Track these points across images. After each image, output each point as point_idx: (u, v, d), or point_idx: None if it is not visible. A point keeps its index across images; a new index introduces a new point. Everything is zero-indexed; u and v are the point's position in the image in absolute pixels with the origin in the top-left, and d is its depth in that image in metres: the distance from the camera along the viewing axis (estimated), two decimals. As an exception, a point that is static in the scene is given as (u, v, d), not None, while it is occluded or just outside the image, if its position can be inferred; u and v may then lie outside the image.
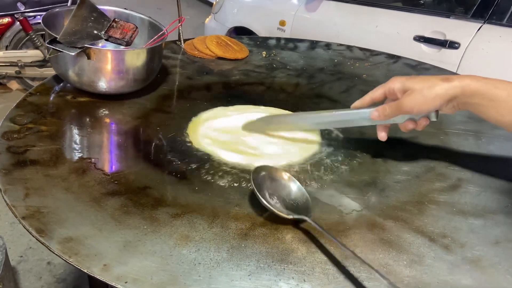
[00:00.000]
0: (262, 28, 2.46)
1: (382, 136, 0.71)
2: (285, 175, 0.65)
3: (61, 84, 0.93)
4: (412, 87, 0.64)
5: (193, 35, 1.27)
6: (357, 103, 0.72)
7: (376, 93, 0.69)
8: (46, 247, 0.51)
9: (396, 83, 0.66)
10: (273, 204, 0.59)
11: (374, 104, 0.70)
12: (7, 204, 0.58)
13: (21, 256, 1.66)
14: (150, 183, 0.66)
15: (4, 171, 0.64)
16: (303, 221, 0.58)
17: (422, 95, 0.62)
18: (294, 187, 0.63)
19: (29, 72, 2.74)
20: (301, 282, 0.50)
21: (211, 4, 3.72)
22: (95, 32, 0.85)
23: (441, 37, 1.74)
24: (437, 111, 0.66)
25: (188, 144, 0.78)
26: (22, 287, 1.53)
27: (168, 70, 1.08)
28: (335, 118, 0.76)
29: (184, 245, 0.54)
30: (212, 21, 2.83)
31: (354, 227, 0.60)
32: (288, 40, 1.39)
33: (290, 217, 0.58)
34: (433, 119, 0.67)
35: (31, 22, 2.66)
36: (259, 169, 0.64)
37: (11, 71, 2.70)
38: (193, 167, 0.71)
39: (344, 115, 0.74)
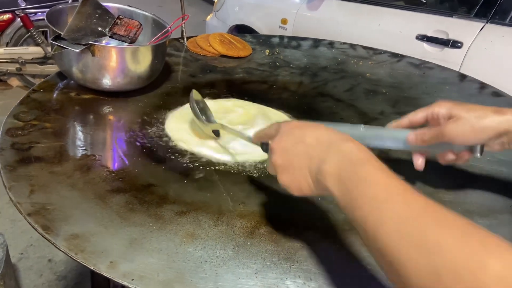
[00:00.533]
0: (264, 26, 2.45)
1: (419, 164, 0.63)
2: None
3: (65, 81, 0.93)
4: (459, 114, 0.57)
5: (193, 33, 1.27)
6: (393, 123, 0.65)
7: (417, 116, 0.62)
8: (52, 244, 0.51)
9: (441, 108, 0.60)
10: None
11: (412, 128, 0.63)
12: (12, 200, 0.58)
13: (22, 254, 1.66)
14: (155, 181, 0.66)
15: (9, 167, 0.64)
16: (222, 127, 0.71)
17: (470, 125, 0.56)
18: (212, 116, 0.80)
19: (30, 69, 2.74)
20: (307, 280, 0.50)
21: (211, 2, 3.71)
22: (99, 29, 0.84)
23: (443, 36, 1.74)
24: (482, 146, 0.59)
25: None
26: (22, 285, 1.53)
27: (171, 68, 1.08)
28: (366, 133, 0.66)
29: (190, 243, 0.54)
30: (213, 19, 2.82)
31: (360, 225, 0.59)
32: (291, 38, 1.39)
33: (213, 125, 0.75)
34: (477, 154, 0.59)
35: (32, 18, 2.65)
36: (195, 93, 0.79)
37: (12, 68, 2.69)
38: (197, 165, 0.71)
39: (377, 132, 0.66)
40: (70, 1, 2.51)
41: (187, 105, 0.82)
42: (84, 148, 0.73)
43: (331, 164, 0.44)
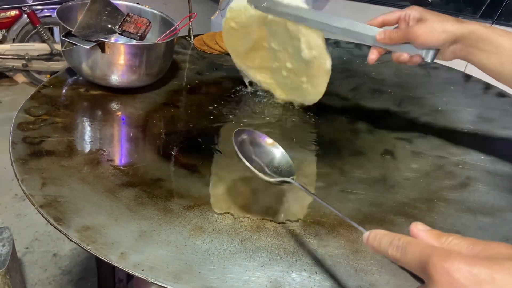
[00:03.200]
0: (269, 25, 2.46)
1: (372, 59, 0.72)
2: (269, 140, 0.60)
3: (74, 77, 0.94)
4: (426, 17, 0.65)
5: (199, 31, 1.28)
6: (372, 21, 0.73)
7: (391, 15, 0.70)
8: (64, 235, 0.52)
9: (414, 11, 0.67)
10: (256, 168, 0.56)
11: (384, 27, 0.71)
12: (25, 193, 0.59)
13: (27, 248, 1.67)
14: (163, 175, 0.67)
15: (21, 161, 0.66)
16: (287, 183, 0.55)
17: (432, 27, 0.63)
18: (278, 153, 0.60)
19: (36, 65, 2.75)
20: (313, 274, 0.51)
21: (217, 1, 3.72)
22: (109, 26, 0.86)
23: (448, 37, 1.74)
24: (435, 52, 0.66)
25: (198, 139, 0.79)
26: (27, 279, 1.55)
27: (178, 65, 1.09)
28: (340, 24, 0.74)
29: (198, 236, 0.55)
30: (218, 17, 2.83)
31: (364, 222, 0.61)
32: (296, 37, 1.40)
33: (273, 180, 0.55)
34: (428, 59, 0.67)
35: (38, 15, 2.67)
36: (240, 131, 0.60)
37: (18, 64, 2.71)
38: (204, 160, 0.72)
39: (350, 24, 0.73)
40: (77, -2, 2.52)
41: None
42: (93, 142, 0.74)
43: None
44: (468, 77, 1.17)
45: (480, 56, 0.64)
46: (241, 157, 0.56)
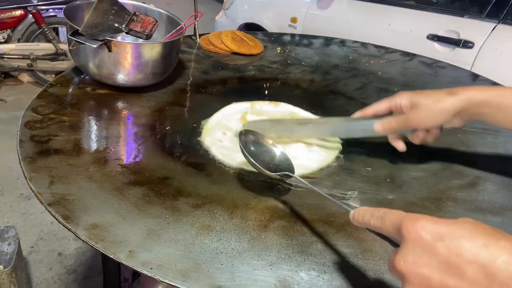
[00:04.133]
0: (273, 24, 2.46)
1: (401, 147, 0.71)
2: (269, 141, 0.66)
3: (81, 76, 0.95)
4: (418, 102, 0.64)
5: (203, 31, 1.28)
6: (357, 113, 0.72)
7: (381, 107, 0.69)
8: (73, 233, 0.52)
9: (403, 99, 0.66)
10: (261, 165, 0.61)
11: (376, 116, 0.70)
12: (33, 191, 0.59)
13: (32, 247, 1.68)
14: (170, 174, 0.67)
15: (29, 159, 0.66)
16: (289, 177, 0.61)
17: (430, 110, 0.63)
18: (278, 151, 0.65)
19: (41, 65, 2.77)
20: (321, 273, 0.51)
21: (221, 0, 3.72)
22: (116, 25, 0.86)
23: (455, 36, 1.73)
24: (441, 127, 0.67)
25: (205, 138, 0.78)
26: (33, 277, 1.56)
27: (184, 65, 1.09)
28: (335, 128, 0.77)
29: (206, 235, 0.55)
30: (223, 17, 2.83)
31: (373, 221, 0.60)
32: (302, 36, 1.40)
33: (274, 174, 0.60)
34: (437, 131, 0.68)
35: (43, 15, 2.68)
36: (244, 132, 0.65)
37: (23, 63, 2.72)
38: (211, 160, 0.72)
39: (345, 125, 0.75)
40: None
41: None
42: (100, 141, 0.74)
43: None
44: (475, 76, 1.16)
45: (487, 116, 0.63)
46: (247, 155, 0.62)
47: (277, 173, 0.60)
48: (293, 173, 0.61)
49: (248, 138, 0.65)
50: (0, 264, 1.18)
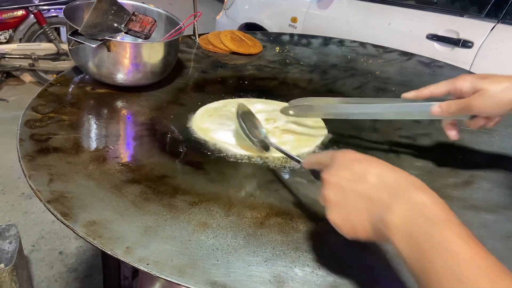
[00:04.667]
0: (273, 24, 2.47)
1: (454, 134, 0.67)
2: (258, 118, 0.77)
3: (80, 76, 0.96)
4: (484, 87, 0.59)
5: (204, 31, 1.29)
6: (412, 93, 0.67)
7: (440, 89, 0.64)
8: (71, 229, 0.53)
9: (465, 82, 0.61)
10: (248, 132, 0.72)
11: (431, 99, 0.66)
12: (32, 188, 0.60)
13: (34, 246, 1.69)
14: (168, 172, 0.68)
15: (28, 157, 0.67)
16: (267, 146, 0.72)
17: (496, 98, 0.58)
18: (263, 132, 0.75)
19: (42, 65, 2.78)
20: (316, 269, 0.52)
21: (221, 0, 3.73)
22: (115, 25, 0.87)
23: (454, 36, 1.74)
24: None
25: (202, 136, 0.79)
26: (34, 276, 1.56)
27: (183, 64, 1.10)
28: (390, 109, 0.71)
29: (202, 232, 0.56)
30: (223, 17, 2.84)
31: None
32: (301, 36, 1.40)
33: (256, 141, 0.71)
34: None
35: (45, 15, 2.69)
36: (243, 110, 0.77)
37: (25, 63, 2.74)
38: (208, 158, 0.73)
39: (401, 107, 0.69)
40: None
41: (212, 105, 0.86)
42: (99, 140, 0.75)
43: (398, 215, 0.38)
44: (473, 76, 1.17)
45: None
46: (240, 121, 0.73)
47: (258, 140, 0.71)
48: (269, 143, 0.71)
49: (244, 113, 0.76)
50: (1, 263, 1.19)
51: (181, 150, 0.75)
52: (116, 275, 1.13)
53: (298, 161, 0.59)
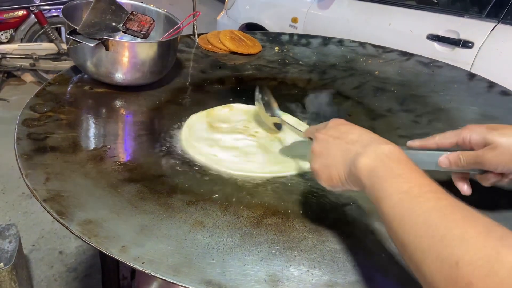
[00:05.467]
0: (274, 24, 2.47)
1: (466, 190, 0.60)
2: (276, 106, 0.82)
3: (79, 75, 0.96)
4: (495, 141, 0.54)
5: (205, 31, 1.29)
6: (417, 142, 0.62)
7: (446, 140, 0.59)
8: (67, 228, 0.53)
9: (473, 133, 0.56)
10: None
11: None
12: (29, 187, 0.60)
13: (33, 245, 1.69)
14: (165, 172, 0.68)
15: (25, 156, 0.67)
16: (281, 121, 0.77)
17: (510, 153, 0.54)
18: (279, 114, 0.81)
19: (43, 65, 2.79)
20: (311, 268, 0.51)
21: (222, 1, 3.73)
22: (113, 24, 0.87)
23: (454, 36, 1.73)
24: None
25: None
26: (34, 275, 1.57)
27: (182, 64, 1.10)
28: None
29: (198, 231, 0.56)
30: (224, 17, 2.84)
31: (367, 217, 0.61)
32: (300, 36, 1.40)
33: (270, 115, 0.79)
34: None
35: (46, 15, 2.70)
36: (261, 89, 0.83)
37: (26, 63, 2.75)
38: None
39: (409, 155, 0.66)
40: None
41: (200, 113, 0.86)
42: (97, 139, 0.75)
43: (368, 158, 0.47)
44: (472, 76, 1.17)
45: None
46: (259, 97, 0.81)
47: (273, 117, 0.78)
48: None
49: (264, 93, 0.83)
50: (0, 262, 1.19)
51: (178, 150, 0.75)
52: (114, 275, 1.13)
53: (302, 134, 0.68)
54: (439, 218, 0.37)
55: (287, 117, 0.86)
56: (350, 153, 0.49)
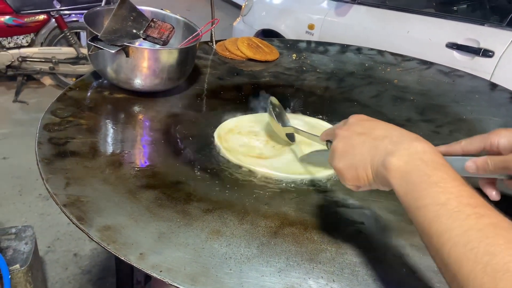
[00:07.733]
0: (290, 31, 2.47)
1: (494, 195, 0.57)
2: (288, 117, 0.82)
3: (99, 81, 0.97)
4: None
5: (221, 36, 1.30)
6: (442, 148, 0.59)
7: (473, 145, 0.57)
8: (86, 234, 0.53)
9: (501, 138, 0.54)
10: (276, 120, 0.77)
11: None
12: (49, 192, 0.61)
13: (49, 247, 1.71)
14: (182, 179, 0.68)
15: (46, 160, 0.67)
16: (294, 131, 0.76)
17: None
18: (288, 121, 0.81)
19: (63, 68, 2.83)
20: (330, 282, 0.51)
21: (238, 6, 3.75)
22: (134, 31, 0.88)
23: (474, 45, 1.71)
24: None
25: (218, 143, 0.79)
26: (48, 277, 1.58)
27: (200, 70, 1.11)
28: None
29: (216, 239, 0.55)
30: (240, 23, 2.86)
31: (383, 230, 0.60)
32: (318, 43, 1.40)
33: (282, 126, 0.77)
34: None
35: (66, 20, 2.75)
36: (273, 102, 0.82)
37: (45, 67, 2.80)
38: (223, 166, 0.73)
39: None
40: (103, 4, 2.58)
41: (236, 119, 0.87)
42: (116, 144, 0.75)
43: (399, 158, 0.43)
44: (494, 86, 1.14)
45: None
46: (271, 111, 0.79)
47: (286, 127, 0.77)
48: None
49: (275, 106, 0.81)
50: (16, 263, 1.20)
51: (197, 157, 0.75)
52: (129, 279, 1.13)
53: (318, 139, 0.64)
54: (480, 240, 0.34)
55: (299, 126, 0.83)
56: (379, 150, 0.45)
